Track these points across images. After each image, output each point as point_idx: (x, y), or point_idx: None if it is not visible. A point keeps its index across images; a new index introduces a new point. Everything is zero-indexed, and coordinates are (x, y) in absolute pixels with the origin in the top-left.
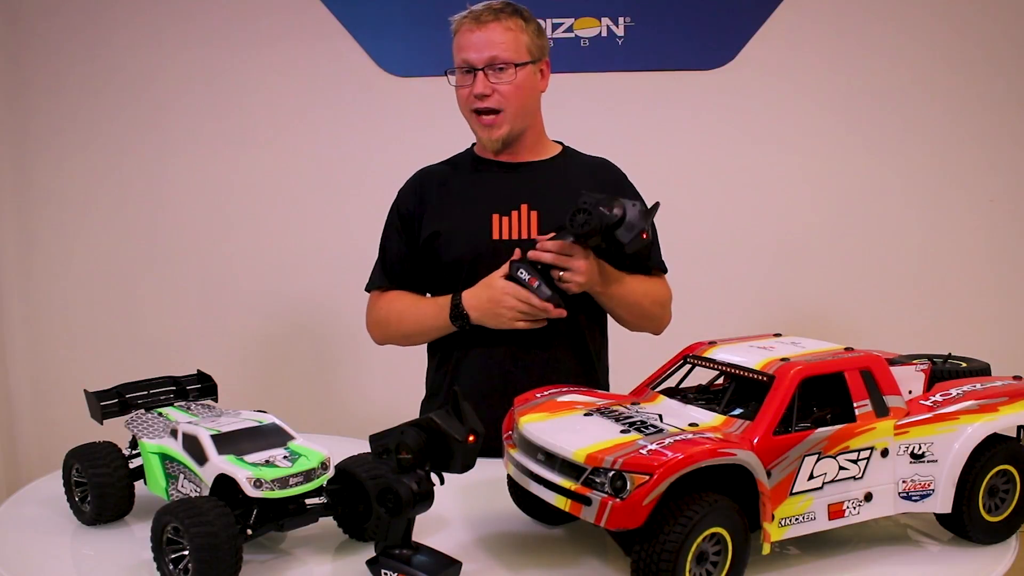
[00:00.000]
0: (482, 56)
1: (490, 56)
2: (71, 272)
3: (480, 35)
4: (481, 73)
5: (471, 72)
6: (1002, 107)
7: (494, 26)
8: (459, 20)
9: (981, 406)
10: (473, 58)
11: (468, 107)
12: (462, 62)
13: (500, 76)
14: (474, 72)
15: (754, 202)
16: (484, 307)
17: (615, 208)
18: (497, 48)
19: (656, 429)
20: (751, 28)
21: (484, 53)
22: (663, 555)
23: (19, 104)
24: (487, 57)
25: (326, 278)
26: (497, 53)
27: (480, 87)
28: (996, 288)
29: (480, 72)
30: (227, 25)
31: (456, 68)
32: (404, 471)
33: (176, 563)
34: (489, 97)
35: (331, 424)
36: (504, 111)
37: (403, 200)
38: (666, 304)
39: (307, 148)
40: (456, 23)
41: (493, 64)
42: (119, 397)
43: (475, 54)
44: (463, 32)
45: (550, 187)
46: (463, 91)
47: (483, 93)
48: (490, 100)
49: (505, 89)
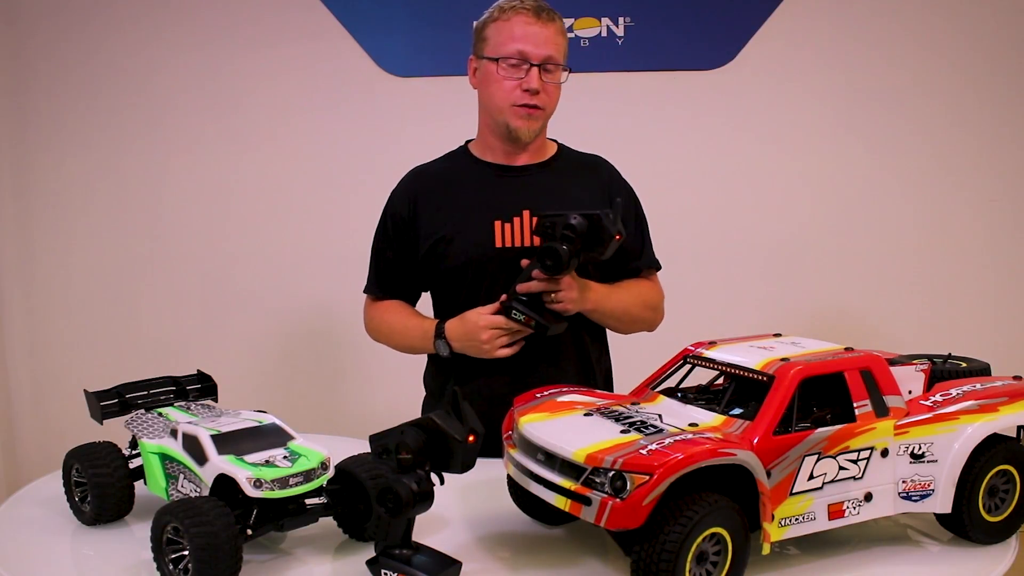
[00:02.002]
0: (540, 52)
1: (548, 54)
2: (71, 272)
3: (541, 30)
4: (536, 68)
5: (522, 65)
6: (1002, 107)
7: (553, 26)
8: (511, 9)
9: (981, 406)
10: (532, 52)
11: (512, 100)
12: (516, 53)
13: (550, 76)
14: (527, 66)
15: (754, 202)
16: (463, 341)
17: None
18: (554, 48)
19: (656, 429)
20: (751, 28)
21: (543, 50)
22: (663, 555)
23: (19, 104)
24: (545, 55)
25: (326, 278)
26: (553, 53)
27: (535, 82)
28: (996, 288)
29: (535, 67)
30: (227, 25)
31: (502, 58)
32: (404, 471)
33: (176, 563)
34: (538, 95)
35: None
36: (544, 110)
37: (395, 205)
38: (658, 306)
39: (307, 148)
40: (505, 11)
41: (547, 63)
42: (119, 397)
43: (534, 48)
44: (519, 23)
45: (550, 192)
46: (509, 83)
47: (536, 89)
48: (538, 98)
49: (551, 89)
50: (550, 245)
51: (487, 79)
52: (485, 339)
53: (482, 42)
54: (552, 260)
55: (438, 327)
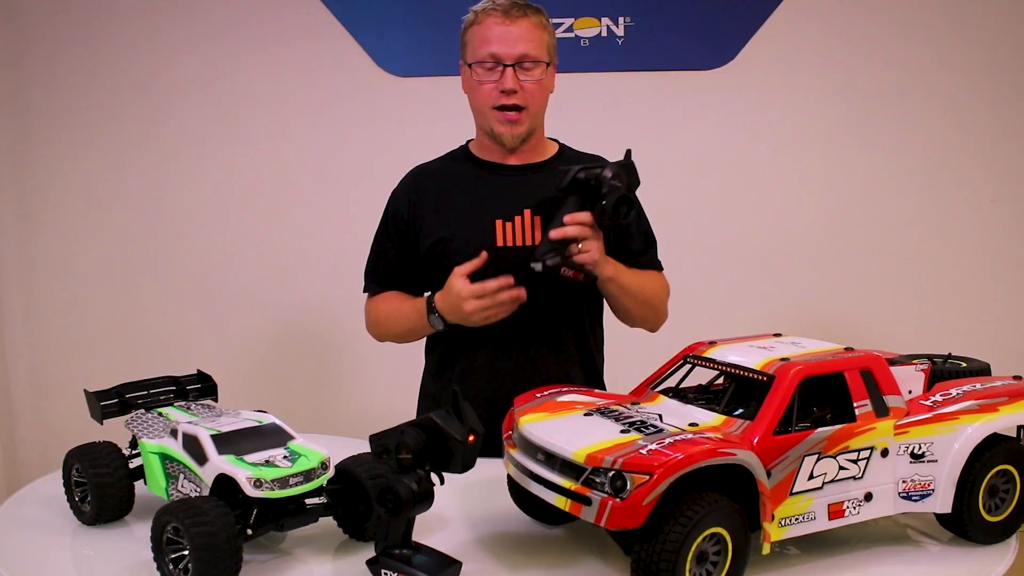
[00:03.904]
0: (513, 52)
1: (521, 52)
2: (71, 272)
3: (512, 29)
4: (510, 69)
5: (497, 67)
6: (1002, 107)
7: (524, 22)
8: (482, 11)
9: (981, 406)
10: (503, 52)
11: (491, 103)
12: (488, 56)
13: (528, 74)
14: (501, 67)
15: (754, 202)
16: (451, 314)
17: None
18: (528, 45)
19: (656, 429)
20: (751, 28)
21: (515, 49)
22: (663, 555)
23: (19, 104)
24: (518, 53)
25: (326, 278)
26: (527, 50)
27: (510, 83)
28: (996, 288)
29: (509, 68)
30: (227, 25)
31: (477, 62)
32: (404, 471)
33: (176, 563)
34: (516, 94)
35: (331, 424)
36: (527, 109)
37: (395, 204)
38: (665, 300)
39: (307, 148)
40: (478, 15)
41: (523, 61)
42: (119, 397)
43: (506, 48)
44: (490, 25)
45: (551, 190)
46: (487, 86)
47: (512, 89)
48: (516, 97)
49: (531, 87)
50: (625, 195)
51: (469, 85)
52: (470, 310)
53: (463, 47)
54: (626, 207)
55: (429, 300)
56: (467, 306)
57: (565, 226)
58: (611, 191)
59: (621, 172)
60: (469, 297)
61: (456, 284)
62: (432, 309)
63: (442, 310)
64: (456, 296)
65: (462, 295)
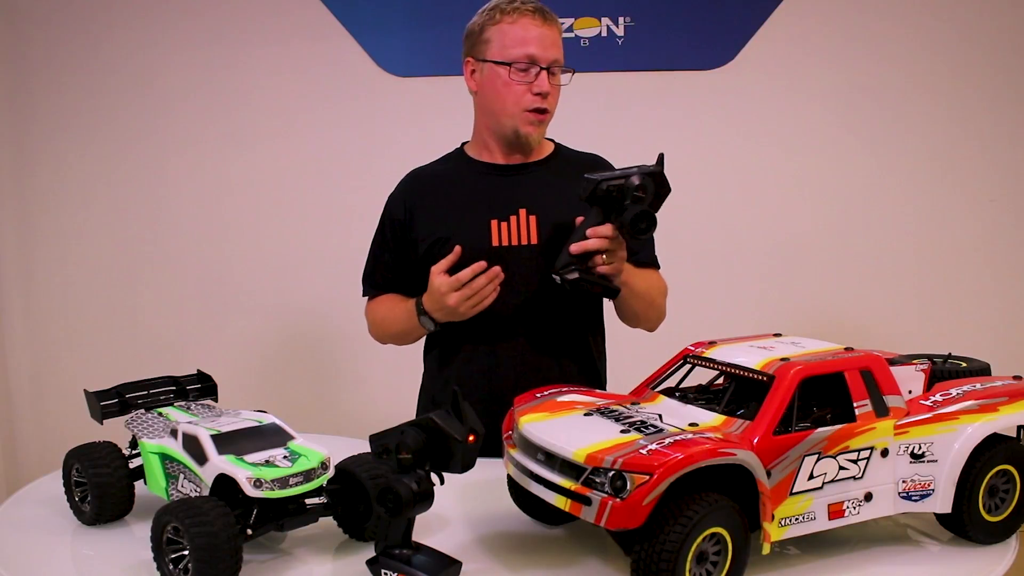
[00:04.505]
0: (548, 55)
1: (555, 57)
2: (71, 272)
3: (548, 33)
4: (545, 72)
5: (531, 69)
6: (1002, 107)
7: (556, 27)
8: (514, 11)
9: (981, 406)
10: (541, 55)
11: (523, 105)
12: (525, 56)
13: (555, 79)
14: (536, 69)
15: (754, 202)
16: (438, 312)
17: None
18: (558, 50)
19: (656, 429)
20: (751, 28)
21: (550, 53)
22: (663, 555)
23: (19, 104)
24: (552, 57)
25: (326, 278)
26: (559, 55)
27: (546, 85)
28: (996, 288)
29: (544, 71)
30: (227, 25)
31: (510, 62)
32: (404, 471)
33: (176, 563)
34: (548, 97)
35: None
36: (549, 112)
37: (392, 208)
38: (665, 298)
39: (307, 148)
40: (509, 14)
41: (555, 65)
42: (119, 397)
43: (543, 52)
44: (527, 25)
45: (547, 190)
46: (518, 87)
47: (547, 92)
48: (547, 101)
49: (556, 92)
50: (643, 210)
51: (493, 83)
52: (453, 303)
53: (483, 44)
54: (646, 223)
55: (418, 303)
56: (449, 300)
57: (587, 239)
58: (632, 203)
59: (647, 182)
60: (448, 291)
61: (435, 281)
62: (421, 311)
63: (431, 310)
64: (437, 293)
65: (441, 290)
